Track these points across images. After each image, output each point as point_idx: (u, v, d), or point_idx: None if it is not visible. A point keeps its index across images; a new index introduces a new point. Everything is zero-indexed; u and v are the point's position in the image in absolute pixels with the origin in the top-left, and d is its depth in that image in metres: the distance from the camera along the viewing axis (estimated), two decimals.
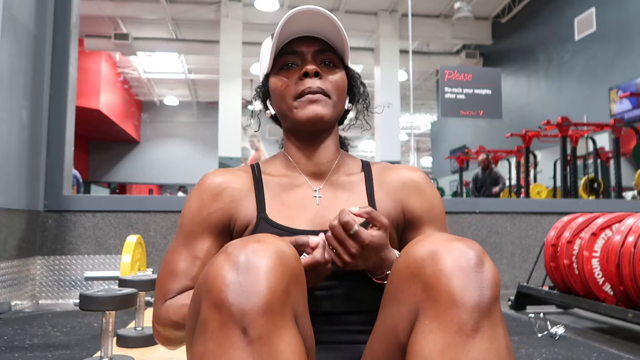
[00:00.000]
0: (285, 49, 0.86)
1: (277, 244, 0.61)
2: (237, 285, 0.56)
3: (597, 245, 2.25)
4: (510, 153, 8.34)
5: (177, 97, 15.37)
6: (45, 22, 3.03)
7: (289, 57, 0.86)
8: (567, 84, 8.54)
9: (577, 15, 8.20)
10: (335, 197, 0.88)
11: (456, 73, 4.48)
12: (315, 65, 0.85)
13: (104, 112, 11.50)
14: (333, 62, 0.88)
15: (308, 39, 0.86)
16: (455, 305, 0.58)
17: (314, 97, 0.83)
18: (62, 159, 3.09)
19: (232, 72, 9.02)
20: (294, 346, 0.57)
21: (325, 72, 0.86)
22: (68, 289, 2.97)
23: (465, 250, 0.62)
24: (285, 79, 0.86)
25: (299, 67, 0.86)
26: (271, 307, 0.56)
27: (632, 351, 1.90)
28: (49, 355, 1.73)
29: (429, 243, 0.64)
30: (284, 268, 0.59)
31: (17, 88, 2.68)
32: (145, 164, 15.20)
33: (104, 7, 9.33)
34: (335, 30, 0.85)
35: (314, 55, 0.86)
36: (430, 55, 11.68)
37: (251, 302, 0.55)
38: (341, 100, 0.88)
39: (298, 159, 0.91)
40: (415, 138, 16.49)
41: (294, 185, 0.89)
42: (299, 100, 0.84)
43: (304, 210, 0.86)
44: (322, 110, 0.84)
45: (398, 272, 0.66)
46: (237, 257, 0.58)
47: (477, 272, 0.60)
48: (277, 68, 0.88)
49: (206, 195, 0.86)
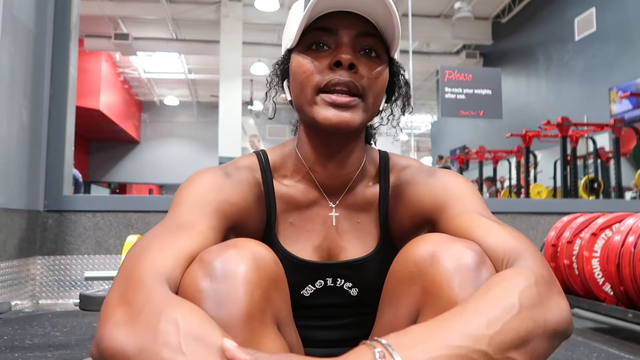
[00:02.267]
0: (317, 23, 0.68)
1: (254, 249, 0.57)
2: (213, 294, 0.52)
3: (597, 246, 2.25)
4: (510, 153, 8.34)
5: (177, 97, 15.37)
6: (45, 22, 3.03)
7: (321, 36, 0.68)
8: (567, 84, 8.54)
9: (577, 16, 8.20)
10: (348, 218, 0.76)
11: (456, 73, 4.48)
12: (352, 53, 0.66)
13: (104, 112, 11.50)
14: (376, 51, 0.69)
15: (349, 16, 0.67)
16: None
17: (342, 99, 0.66)
18: (62, 159, 3.09)
19: (232, 72, 9.03)
20: (275, 350, 0.54)
21: (364, 64, 0.68)
22: (68, 289, 2.97)
23: (465, 251, 0.59)
24: (311, 63, 0.68)
25: (332, 51, 0.68)
26: (250, 315, 0.52)
27: (632, 351, 1.90)
28: (49, 355, 1.73)
29: (428, 244, 0.61)
30: (262, 273, 0.55)
31: (17, 88, 2.68)
32: (146, 164, 15.19)
33: (104, 7, 9.33)
34: (386, 11, 0.65)
35: (353, 40, 0.67)
36: (431, 55, 11.68)
37: (228, 310, 0.51)
38: (377, 102, 0.71)
39: (313, 164, 0.74)
40: (415, 138, 16.48)
41: (307, 201, 0.75)
42: (322, 95, 0.67)
43: (314, 234, 0.74)
44: (350, 117, 0.66)
45: (396, 274, 0.65)
46: (212, 264, 0.53)
47: (477, 272, 0.58)
48: (303, 45, 0.69)
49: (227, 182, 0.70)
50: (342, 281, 0.75)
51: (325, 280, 0.75)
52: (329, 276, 0.75)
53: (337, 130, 0.67)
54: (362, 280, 0.75)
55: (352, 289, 0.76)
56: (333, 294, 0.76)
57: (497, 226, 0.63)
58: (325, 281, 0.75)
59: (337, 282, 0.75)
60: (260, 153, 0.77)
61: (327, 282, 0.75)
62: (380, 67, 0.69)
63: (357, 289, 0.76)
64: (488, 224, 0.63)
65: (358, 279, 0.75)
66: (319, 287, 0.75)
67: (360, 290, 0.76)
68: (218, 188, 0.68)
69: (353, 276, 0.75)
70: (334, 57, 0.66)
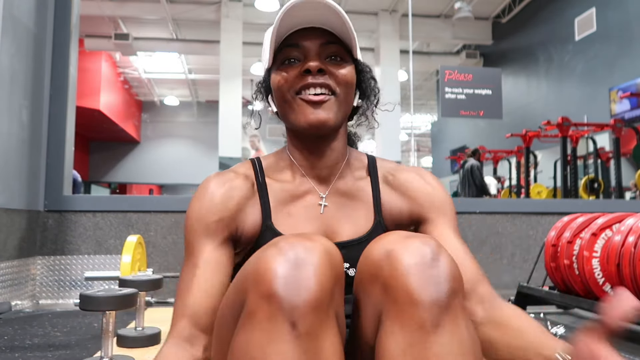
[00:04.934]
0: (286, 42, 0.79)
1: (326, 244, 0.61)
2: (289, 279, 0.56)
3: (598, 246, 2.25)
4: (511, 153, 8.34)
5: (177, 97, 15.37)
6: (45, 22, 3.03)
7: (291, 52, 0.79)
8: (568, 84, 8.54)
9: (578, 16, 8.20)
10: (340, 205, 0.83)
11: (456, 73, 4.48)
12: (318, 61, 0.77)
13: (104, 112, 11.49)
14: (340, 55, 0.80)
15: (311, 31, 0.78)
16: (414, 303, 0.58)
17: (317, 97, 0.77)
18: (62, 159, 3.09)
19: (233, 72, 9.03)
20: (336, 345, 0.58)
21: (332, 67, 0.79)
22: (68, 289, 2.97)
23: (420, 246, 0.61)
24: (285, 74, 0.79)
25: (302, 62, 0.79)
26: (319, 304, 0.56)
27: (632, 351, 1.90)
28: (49, 355, 1.73)
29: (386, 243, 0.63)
30: (332, 267, 0.60)
31: (17, 88, 2.68)
32: (146, 164, 15.19)
33: (104, 7, 9.33)
34: (340, 21, 0.77)
35: (318, 50, 0.79)
36: (431, 56, 11.68)
37: (301, 297, 0.55)
38: (349, 97, 0.82)
39: (302, 162, 0.85)
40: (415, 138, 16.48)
41: (299, 192, 0.84)
42: (300, 96, 0.78)
43: (309, 220, 0.82)
44: (325, 115, 0.77)
45: (360, 275, 0.66)
46: (288, 252, 0.58)
47: (433, 267, 0.59)
48: (278, 63, 0.81)
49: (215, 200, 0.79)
50: None
51: None
52: None
53: (317, 129, 0.78)
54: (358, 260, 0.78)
55: (350, 269, 0.80)
56: None
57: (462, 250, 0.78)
58: None
59: None
60: (255, 159, 0.88)
61: None
62: (347, 67, 0.80)
63: (354, 269, 0.78)
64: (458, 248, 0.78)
65: (354, 259, 0.75)
66: None
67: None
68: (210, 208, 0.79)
69: (349, 256, 0.78)
70: (303, 66, 0.78)
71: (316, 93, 0.77)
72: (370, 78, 0.88)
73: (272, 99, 0.85)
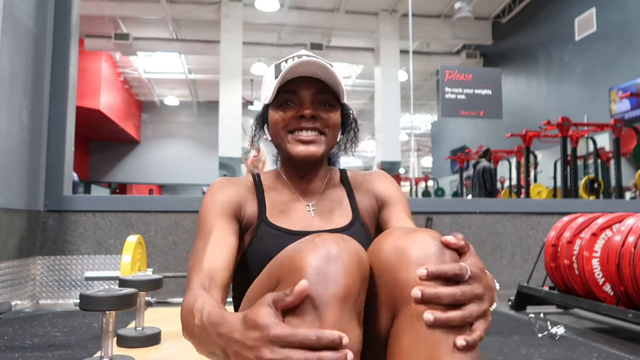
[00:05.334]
0: (286, 87, 0.93)
1: (357, 247, 0.66)
2: (321, 272, 0.61)
3: (598, 246, 2.25)
4: (511, 153, 8.34)
5: (177, 97, 15.37)
6: (45, 22, 3.03)
7: (289, 97, 0.94)
8: (568, 84, 8.54)
9: (578, 16, 8.20)
10: (325, 209, 0.99)
11: (456, 73, 4.48)
12: (311, 109, 0.92)
13: (104, 112, 11.49)
14: (330, 102, 0.95)
15: (308, 81, 0.93)
16: None
17: (308, 137, 0.93)
18: (62, 159, 3.09)
19: (233, 72, 9.03)
20: (357, 342, 0.62)
21: (323, 112, 0.94)
22: (68, 289, 2.97)
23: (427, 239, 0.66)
24: (282, 114, 0.94)
25: (297, 107, 0.94)
26: (346, 299, 0.60)
27: (632, 351, 1.90)
28: (49, 355, 1.73)
29: (393, 238, 0.68)
30: (360, 268, 0.64)
31: (17, 88, 2.68)
32: (146, 164, 15.19)
33: (104, 7, 9.33)
34: (332, 75, 0.92)
35: (312, 98, 0.93)
36: (431, 56, 11.68)
37: (330, 290, 0.60)
38: (334, 136, 0.97)
39: (292, 180, 1.01)
40: (415, 138, 16.48)
41: (289, 201, 0.99)
42: (292, 135, 0.93)
43: (300, 219, 0.96)
44: (315, 149, 0.93)
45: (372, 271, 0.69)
46: (322, 248, 0.63)
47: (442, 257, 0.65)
48: (277, 102, 0.95)
49: (223, 189, 0.95)
50: None
51: None
52: None
53: (306, 160, 0.94)
54: None
55: None
56: None
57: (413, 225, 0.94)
58: None
59: None
60: (255, 176, 1.04)
61: None
62: (334, 112, 0.96)
63: None
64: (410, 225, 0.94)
65: None
66: None
67: None
68: (221, 193, 0.94)
69: None
70: (298, 112, 0.93)
71: (307, 135, 0.93)
72: (352, 120, 1.04)
73: (267, 130, 1.00)
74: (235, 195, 0.95)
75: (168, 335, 1.83)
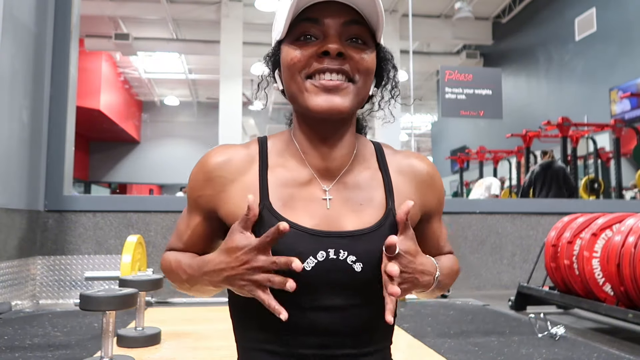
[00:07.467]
0: (304, 14, 0.70)
1: None
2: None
3: (598, 246, 2.25)
4: (511, 153, 8.34)
5: (177, 97, 15.37)
6: (45, 22, 3.03)
7: (309, 27, 0.70)
8: (568, 84, 8.54)
9: (578, 16, 8.21)
10: (346, 198, 0.75)
11: (457, 73, 4.48)
12: (339, 43, 0.69)
13: (104, 112, 11.50)
14: (363, 38, 0.72)
15: (334, 6, 0.69)
16: None
17: (332, 83, 0.69)
18: (62, 159, 3.10)
19: (233, 72, 9.03)
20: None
21: (352, 51, 0.70)
22: (68, 289, 2.97)
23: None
24: (299, 52, 0.70)
25: (320, 41, 0.70)
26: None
27: (632, 351, 1.90)
28: (49, 355, 1.73)
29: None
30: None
31: (17, 88, 2.68)
32: (146, 164, 15.20)
33: (104, 7, 9.33)
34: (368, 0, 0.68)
35: (339, 28, 0.69)
36: (431, 56, 11.68)
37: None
38: (367, 86, 0.73)
39: (306, 149, 0.75)
40: (415, 138, 16.49)
41: (300, 182, 0.75)
42: (311, 80, 0.70)
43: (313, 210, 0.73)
44: (341, 102, 0.69)
45: None
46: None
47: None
48: (292, 37, 0.72)
49: (200, 176, 0.76)
50: (344, 253, 0.70)
51: (327, 251, 0.70)
52: (331, 247, 0.70)
53: (329, 116, 0.70)
54: (365, 253, 0.71)
55: (356, 263, 0.71)
56: (336, 269, 0.70)
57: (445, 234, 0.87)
58: (327, 252, 0.70)
59: (340, 255, 0.70)
60: (262, 140, 0.81)
61: (330, 254, 0.70)
62: (368, 52, 0.72)
63: (361, 264, 0.70)
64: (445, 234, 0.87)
65: (361, 251, 0.70)
66: (321, 259, 0.70)
67: (364, 266, 0.70)
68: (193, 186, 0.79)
69: (354, 248, 0.71)
70: (321, 47, 0.69)
71: (331, 78, 0.69)
72: (392, 67, 0.79)
73: (279, 75, 0.77)
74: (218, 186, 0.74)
75: (168, 335, 1.83)
